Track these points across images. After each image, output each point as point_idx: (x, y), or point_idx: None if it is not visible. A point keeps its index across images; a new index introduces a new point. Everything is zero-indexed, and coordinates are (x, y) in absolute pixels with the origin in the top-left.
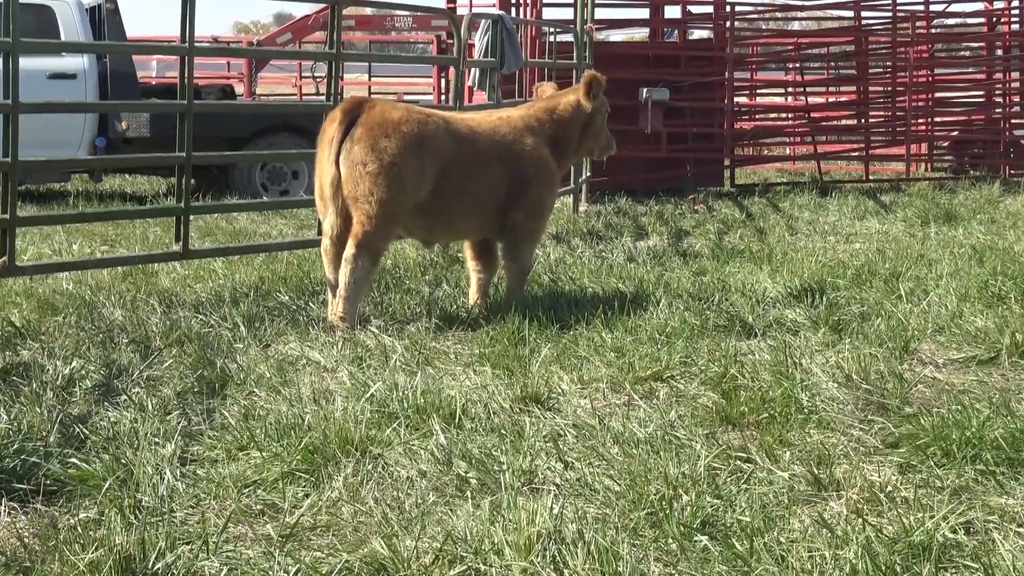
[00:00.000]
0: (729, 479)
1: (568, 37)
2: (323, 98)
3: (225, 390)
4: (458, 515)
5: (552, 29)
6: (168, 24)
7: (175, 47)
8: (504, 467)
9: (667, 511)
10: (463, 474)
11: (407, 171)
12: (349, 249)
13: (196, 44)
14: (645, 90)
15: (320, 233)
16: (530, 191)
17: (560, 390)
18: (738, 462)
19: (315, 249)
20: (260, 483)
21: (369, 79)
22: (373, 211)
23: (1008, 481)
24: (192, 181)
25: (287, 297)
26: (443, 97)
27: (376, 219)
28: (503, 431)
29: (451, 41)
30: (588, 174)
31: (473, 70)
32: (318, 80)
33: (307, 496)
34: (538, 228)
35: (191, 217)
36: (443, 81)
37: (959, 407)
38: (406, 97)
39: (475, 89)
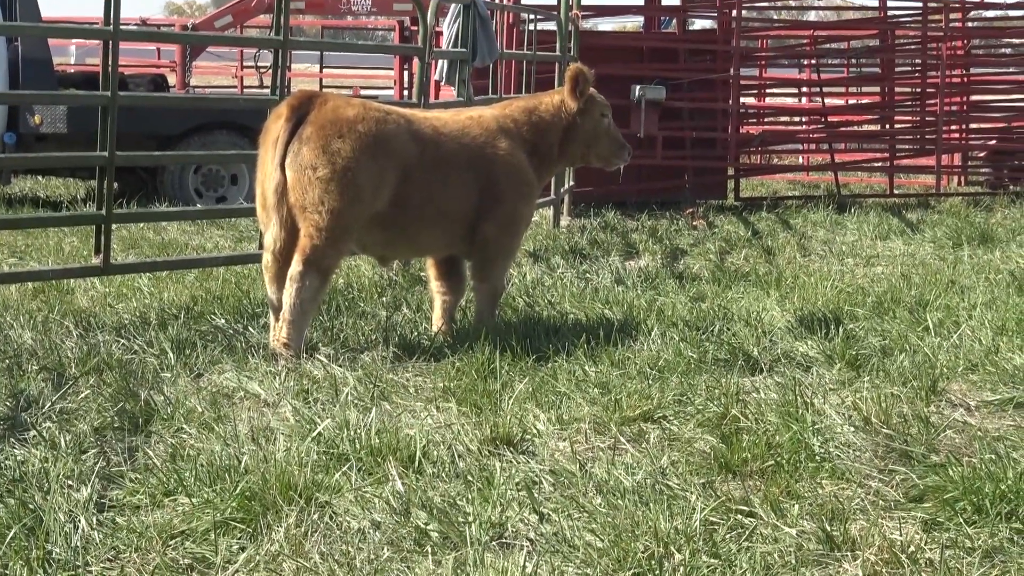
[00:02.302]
0: (728, 536)
1: (550, 25)
2: (267, 91)
3: (150, 426)
4: (417, 573)
5: (532, 16)
6: (90, 4)
7: (97, 30)
8: (470, 518)
9: (657, 571)
10: (423, 526)
11: (363, 177)
12: (295, 266)
13: (122, 27)
14: (638, 88)
15: (262, 247)
16: (504, 202)
17: (536, 431)
18: (739, 516)
19: (255, 265)
20: (189, 534)
21: (321, 70)
22: (323, 223)
23: None
24: (115, 185)
25: (223, 320)
26: (405, 92)
27: (326, 232)
28: (469, 477)
29: (416, 28)
30: (571, 184)
31: (440, 62)
32: (262, 71)
33: (243, 549)
34: (512, 244)
35: (113, 226)
36: (406, 74)
37: (993, 456)
38: (363, 92)
39: (442, 84)
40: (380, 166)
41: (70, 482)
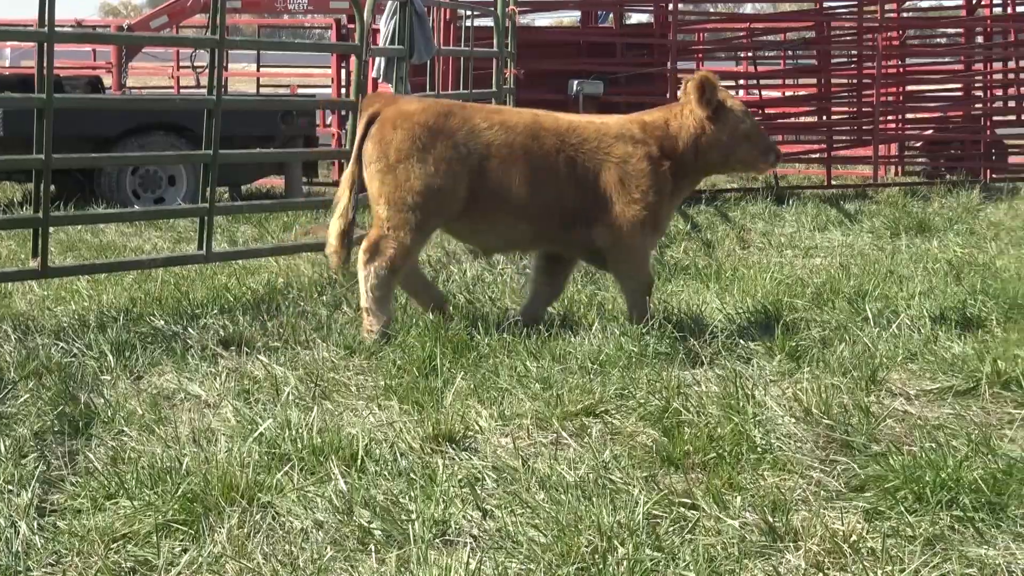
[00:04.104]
0: (671, 528)
1: (487, 21)
2: (204, 91)
3: (90, 429)
4: (360, 571)
5: (469, 12)
6: (24, 6)
7: (32, 32)
8: (413, 516)
9: (600, 566)
10: (366, 524)
11: (414, 168)
12: (361, 255)
13: (57, 29)
14: (576, 83)
15: (201, 247)
16: (612, 204)
17: (478, 427)
18: (682, 509)
19: (195, 266)
20: (131, 537)
21: (258, 69)
22: (384, 213)
23: (988, 529)
24: (52, 188)
25: (162, 322)
26: (343, 90)
27: (387, 222)
28: (412, 475)
29: (353, 26)
30: None
31: (378, 59)
32: (199, 71)
33: (185, 551)
34: (634, 241)
35: (51, 229)
36: (343, 72)
37: (933, 445)
38: (300, 90)
39: (380, 81)
40: (438, 158)
41: (10, 487)
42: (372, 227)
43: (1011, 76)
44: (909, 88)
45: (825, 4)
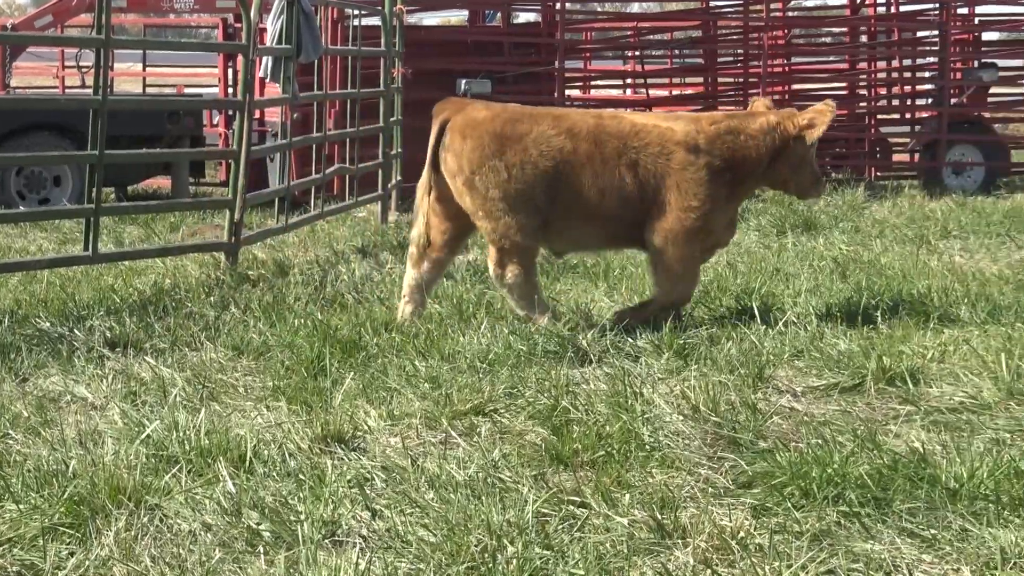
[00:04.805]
0: (561, 527)
1: (375, 20)
2: (90, 91)
3: None
4: (249, 573)
5: (356, 11)
6: None
7: None
8: (302, 517)
9: (490, 564)
10: (254, 526)
11: (489, 178)
12: (493, 273)
13: None
14: (464, 82)
15: (87, 248)
16: (666, 213)
17: (367, 427)
18: (571, 507)
19: (80, 267)
20: (16, 540)
21: (144, 69)
22: (488, 226)
23: (874, 524)
24: None
25: (48, 323)
26: (230, 90)
27: (492, 232)
28: (301, 476)
29: (239, 25)
30: (399, 178)
31: (265, 59)
32: (84, 71)
33: (72, 555)
34: (678, 255)
35: None
36: (230, 72)
37: (819, 441)
38: (187, 90)
39: (267, 81)
40: (509, 164)
41: None
42: (486, 239)
43: (895, 75)
44: (795, 87)
45: (711, 4)
